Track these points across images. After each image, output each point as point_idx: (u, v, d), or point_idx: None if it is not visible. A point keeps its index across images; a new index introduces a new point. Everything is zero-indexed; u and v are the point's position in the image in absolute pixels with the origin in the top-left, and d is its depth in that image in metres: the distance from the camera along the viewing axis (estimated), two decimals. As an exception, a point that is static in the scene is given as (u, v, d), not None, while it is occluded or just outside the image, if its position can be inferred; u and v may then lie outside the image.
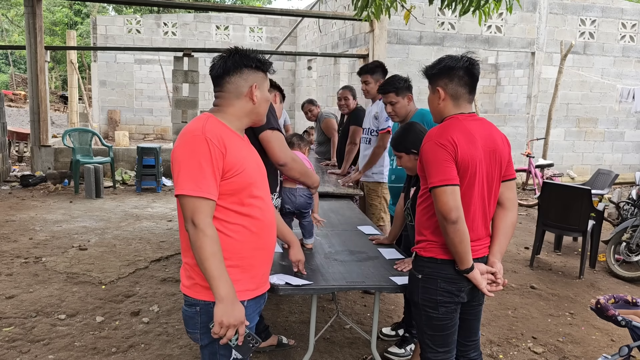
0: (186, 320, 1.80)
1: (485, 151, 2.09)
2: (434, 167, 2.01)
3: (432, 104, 2.20)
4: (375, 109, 4.12)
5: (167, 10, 21.79)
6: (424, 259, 2.13)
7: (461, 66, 2.11)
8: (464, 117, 2.12)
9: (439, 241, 2.09)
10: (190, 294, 1.76)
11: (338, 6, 11.13)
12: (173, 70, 8.42)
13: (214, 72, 1.81)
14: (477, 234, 2.12)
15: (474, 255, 2.07)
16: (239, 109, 1.81)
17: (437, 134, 2.06)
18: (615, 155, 10.96)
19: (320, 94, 12.48)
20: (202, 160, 1.63)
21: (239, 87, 1.79)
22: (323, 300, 4.03)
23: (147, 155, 8.14)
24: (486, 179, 2.10)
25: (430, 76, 2.19)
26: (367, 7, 4.47)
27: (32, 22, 8.30)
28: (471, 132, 2.07)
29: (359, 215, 3.70)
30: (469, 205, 2.06)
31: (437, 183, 1.98)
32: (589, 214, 5.02)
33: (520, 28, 9.94)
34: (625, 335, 3.29)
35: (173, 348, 3.21)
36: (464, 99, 2.15)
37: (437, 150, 2.01)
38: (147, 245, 5.29)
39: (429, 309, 2.13)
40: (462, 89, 2.14)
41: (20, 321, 3.49)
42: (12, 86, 26.47)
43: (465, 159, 2.01)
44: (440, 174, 1.98)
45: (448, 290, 2.09)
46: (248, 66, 1.80)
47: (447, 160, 1.99)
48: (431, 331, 2.18)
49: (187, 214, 1.62)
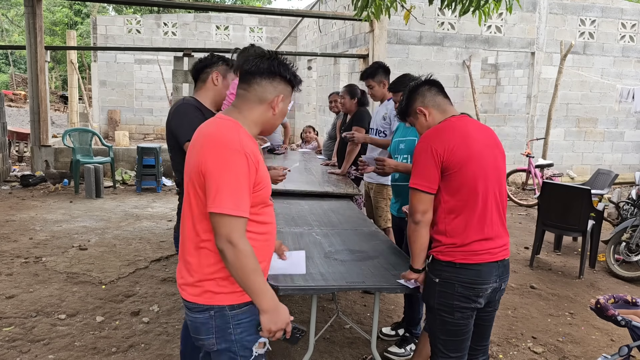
0: (197, 327, 1.70)
1: (488, 146, 2.13)
2: (418, 167, 2.11)
3: (422, 125, 2.26)
4: (383, 110, 4.04)
5: (167, 10, 21.78)
6: (442, 263, 2.11)
7: (421, 81, 2.27)
8: (457, 118, 2.18)
9: (457, 242, 2.08)
10: (201, 301, 1.67)
11: (338, 6, 11.13)
12: (173, 70, 8.43)
13: (247, 67, 1.73)
14: (494, 230, 2.12)
15: (492, 258, 2.10)
16: (258, 115, 1.74)
17: (431, 135, 2.12)
18: (615, 155, 10.96)
19: (320, 94, 12.48)
20: (241, 177, 1.59)
21: (265, 92, 1.73)
22: (323, 300, 4.03)
23: (147, 155, 8.14)
24: (494, 173, 2.12)
25: (406, 108, 2.29)
26: (367, 7, 4.46)
27: (32, 22, 8.30)
28: (468, 130, 2.12)
29: (359, 215, 3.69)
30: (486, 206, 2.09)
31: (415, 185, 2.10)
32: (588, 214, 5.02)
33: (520, 28, 9.94)
34: (625, 335, 3.29)
35: (173, 348, 3.21)
36: (445, 103, 2.24)
37: (426, 152, 2.08)
38: (147, 245, 5.29)
39: (444, 314, 2.12)
40: (438, 97, 2.24)
41: (20, 321, 3.50)
42: (12, 86, 26.45)
43: (461, 160, 2.05)
44: (421, 177, 2.08)
45: (465, 295, 2.08)
46: (283, 76, 1.74)
47: (431, 166, 2.06)
48: (444, 336, 2.16)
49: (223, 232, 1.57)
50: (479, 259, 2.09)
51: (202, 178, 1.61)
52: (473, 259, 2.08)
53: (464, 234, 2.08)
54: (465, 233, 2.08)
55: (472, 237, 2.08)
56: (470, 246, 2.08)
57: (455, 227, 2.09)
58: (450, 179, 2.07)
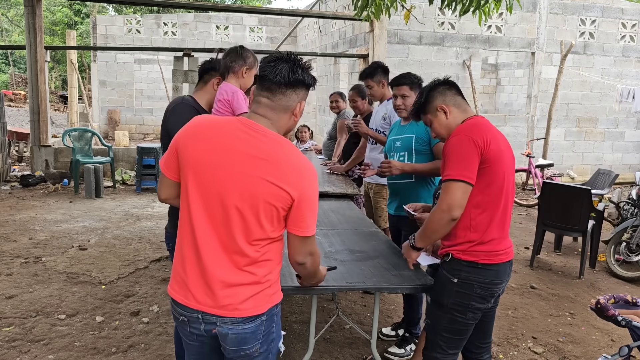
0: (244, 339, 1.68)
1: (508, 147, 2.13)
2: (457, 159, 1.99)
3: (440, 124, 2.21)
4: (383, 110, 4.00)
5: (167, 10, 21.78)
6: (463, 262, 2.09)
7: (440, 82, 2.25)
8: (481, 117, 2.15)
9: (478, 239, 2.06)
10: (257, 312, 1.67)
11: (338, 6, 11.13)
12: (173, 70, 8.43)
13: (270, 75, 1.66)
14: (507, 231, 2.15)
15: (507, 257, 2.11)
16: (284, 123, 1.72)
17: (468, 128, 2.05)
18: (615, 155, 10.96)
19: (320, 94, 12.48)
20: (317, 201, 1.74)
21: (290, 101, 1.69)
22: (323, 300, 4.03)
23: (147, 155, 8.13)
24: (511, 173, 2.13)
25: (425, 105, 2.24)
26: (367, 7, 4.46)
27: (32, 22, 8.30)
28: (494, 132, 2.09)
29: (359, 215, 3.69)
30: (506, 204, 2.10)
31: (456, 176, 1.97)
32: (589, 214, 5.02)
33: (520, 28, 9.94)
34: (625, 335, 3.29)
35: (173, 348, 3.20)
36: (464, 104, 2.22)
37: (466, 143, 1.99)
38: (147, 245, 5.28)
39: (457, 313, 2.10)
40: (457, 97, 2.22)
41: (20, 321, 3.49)
42: (12, 86, 26.45)
43: (495, 155, 2.02)
44: (462, 168, 1.97)
45: (482, 296, 2.08)
46: (306, 84, 1.72)
47: (473, 157, 1.99)
48: (449, 334, 2.15)
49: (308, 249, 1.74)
50: (499, 259, 2.09)
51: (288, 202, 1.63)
52: (494, 259, 2.08)
53: (487, 230, 2.07)
54: (488, 230, 2.07)
55: (493, 234, 2.07)
56: (491, 244, 2.07)
57: (480, 223, 2.07)
58: (483, 173, 2.03)
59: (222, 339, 1.69)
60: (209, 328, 1.69)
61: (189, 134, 1.68)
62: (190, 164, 1.66)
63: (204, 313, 1.67)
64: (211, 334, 1.70)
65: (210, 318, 1.67)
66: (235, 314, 1.66)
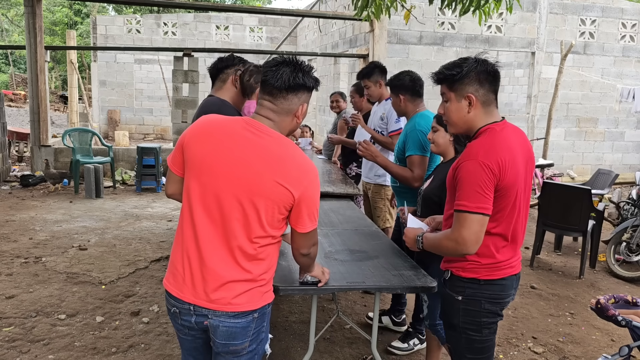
0: (235, 333, 1.71)
1: (527, 160, 1.94)
2: (472, 189, 1.80)
3: (458, 113, 1.93)
4: (381, 110, 4.03)
5: (167, 10, 21.78)
6: (464, 280, 1.96)
7: (490, 70, 1.92)
8: (500, 127, 1.90)
9: (481, 261, 1.92)
10: (249, 307, 1.70)
11: (338, 6, 11.13)
12: (173, 70, 8.43)
13: (277, 83, 1.67)
14: (518, 247, 2.02)
15: (514, 271, 1.99)
16: (287, 124, 1.75)
17: (484, 152, 1.82)
18: (615, 155, 10.96)
19: (320, 94, 12.48)
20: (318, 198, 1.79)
21: (292, 104, 1.72)
22: (323, 300, 4.03)
23: (147, 155, 8.13)
24: (527, 188, 1.96)
25: (456, 81, 1.91)
26: (367, 7, 4.46)
27: (32, 22, 8.30)
28: (512, 146, 1.87)
29: (359, 215, 3.69)
30: (517, 223, 1.94)
31: (473, 209, 1.80)
32: (589, 214, 5.02)
33: (520, 28, 9.94)
34: (626, 335, 3.29)
35: (173, 348, 3.21)
36: (492, 104, 1.94)
37: (481, 171, 1.79)
38: (147, 245, 5.28)
39: (471, 332, 1.97)
40: (491, 95, 1.93)
41: (20, 321, 3.49)
42: (12, 86, 26.46)
43: (511, 181, 1.84)
44: (478, 200, 1.80)
45: (492, 311, 1.96)
46: (309, 88, 1.74)
47: (488, 187, 1.80)
48: (473, 354, 2.01)
49: (313, 241, 1.81)
50: (502, 273, 1.96)
51: (290, 201, 1.66)
52: (497, 273, 1.95)
53: (494, 255, 1.94)
54: (497, 255, 1.94)
55: (499, 257, 1.95)
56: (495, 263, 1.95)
57: (487, 247, 1.92)
58: (495, 201, 1.85)
59: (213, 332, 1.72)
60: (200, 320, 1.72)
61: (196, 132, 1.73)
62: (195, 160, 1.69)
63: (196, 306, 1.70)
64: (202, 326, 1.73)
65: (202, 310, 1.70)
66: (227, 308, 1.69)
